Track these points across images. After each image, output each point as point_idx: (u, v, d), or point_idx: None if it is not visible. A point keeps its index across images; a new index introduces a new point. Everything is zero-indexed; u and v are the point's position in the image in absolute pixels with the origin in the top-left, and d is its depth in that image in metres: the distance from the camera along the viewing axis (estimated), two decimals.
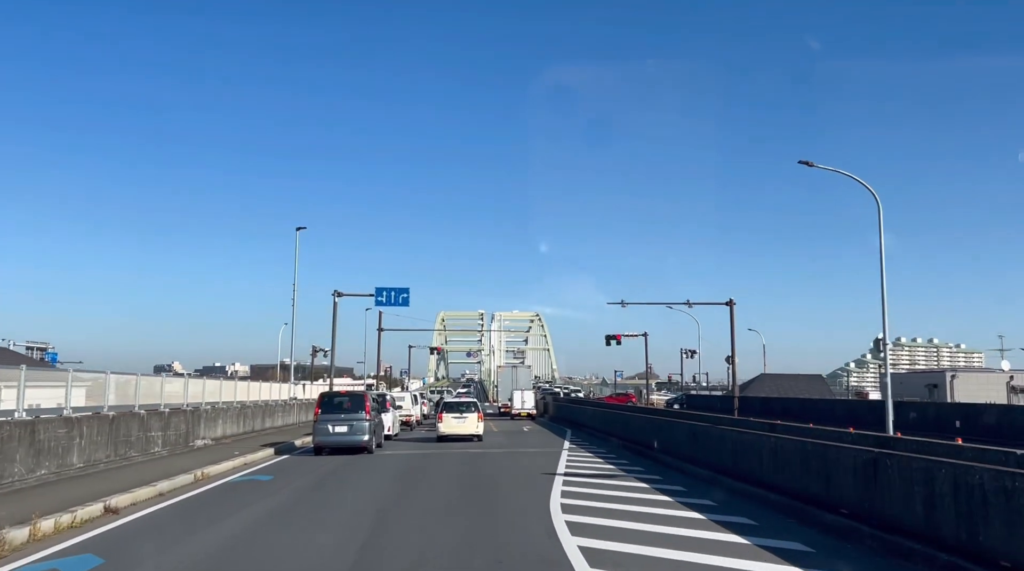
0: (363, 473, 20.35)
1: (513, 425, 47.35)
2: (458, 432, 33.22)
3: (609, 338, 73.49)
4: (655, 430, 24.19)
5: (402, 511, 13.90)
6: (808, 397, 52.28)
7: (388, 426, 32.81)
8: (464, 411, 34.28)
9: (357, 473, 20.32)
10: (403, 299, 41.81)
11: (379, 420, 28.32)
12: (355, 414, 25.83)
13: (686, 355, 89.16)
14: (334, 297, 41.39)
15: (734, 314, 47.35)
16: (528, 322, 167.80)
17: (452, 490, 16.82)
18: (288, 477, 19.32)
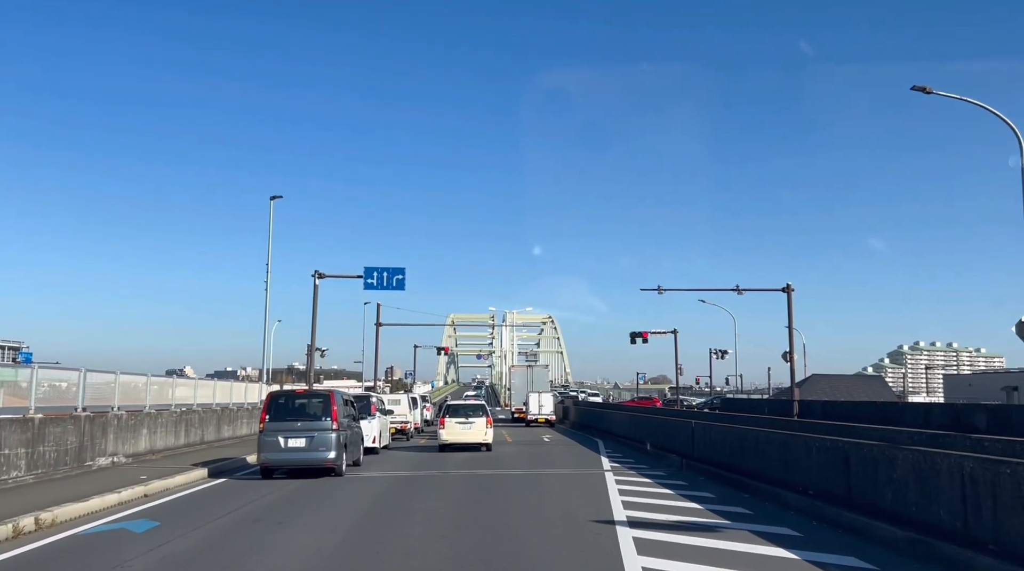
0: (312, 513, 13.15)
1: (530, 433, 40.04)
2: (463, 440, 27.10)
3: (635, 335, 66.13)
4: (735, 444, 16.86)
5: None
6: (872, 400, 44.92)
7: (373, 436, 25.67)
8: (470, 415, 27.46)
9: (303, 513, 13.11)
10: (398, 281, 34.65)
11: (355, 430, 21.11)
12: (317, 422, 18.66)
13: (716, 356, 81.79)
14: (314, 278, 34.30)
15: (791, 302, 39.98)
16: (540, 325, 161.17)
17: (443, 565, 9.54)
18: (186, 522, 12.11)
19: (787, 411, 42.46)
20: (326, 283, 34.43)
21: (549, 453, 27.27)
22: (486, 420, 27.93)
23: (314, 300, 34.24)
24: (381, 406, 27.86)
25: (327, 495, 15.94)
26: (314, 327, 34.07)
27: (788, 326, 39.79)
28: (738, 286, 40.77)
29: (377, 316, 56.41)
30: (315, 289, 34.33)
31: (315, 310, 34.22)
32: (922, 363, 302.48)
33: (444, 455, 26.17)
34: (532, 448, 29.67)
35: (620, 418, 32.85)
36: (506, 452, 27.73)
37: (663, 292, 42.15)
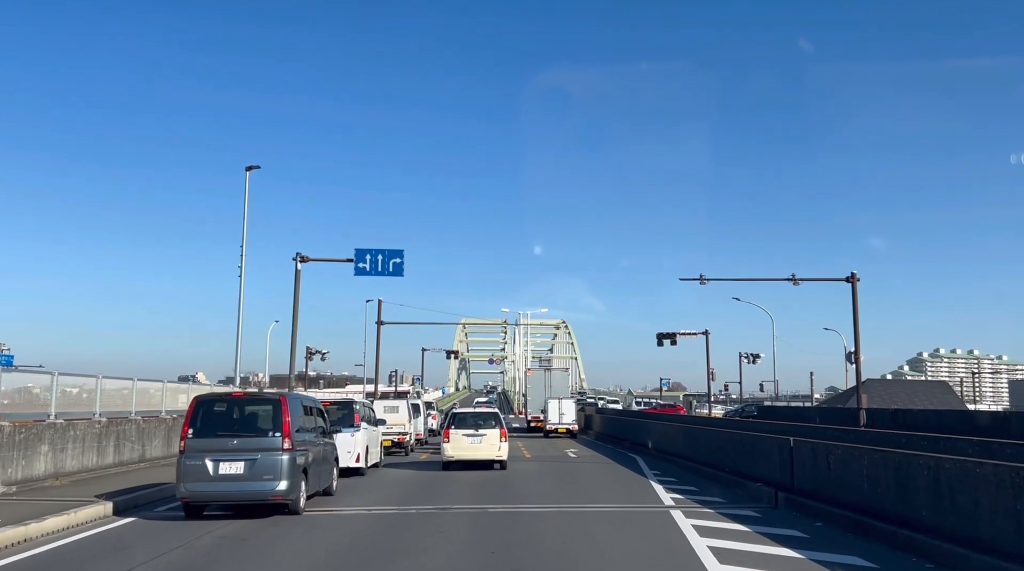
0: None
1: (550, 446, 34.35)
2: (471, 456, 22.17)
3: (663, 337, 60.54)
4: (888, 476, 11.09)
5: None
6: (939, 408, 39.20)
7: (357, 453, 20.16)
8: (481, 425, 22.36)
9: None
10: (395, 266, 29.10)
11: (324, 448, 15.50)
12: (261, 438, 13.12)
13: (746, 360, 75.80)
14: (296, 262, 28.81)
15: (856, 293, 34.20)
16: (554, 329, 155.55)
17: None
18: None
19: (844, 420, 36.66)
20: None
21: (580, 474, 21.59)
22: (500, 432, 22.38)
23: (296, 286, 28.77)
24: (369, 414, 22.26)
25: (267, 549, 10.44)
26: (295, 318, 28.63)
27: (854, 321, 34.04)
28: (794, 275, 35.10)
29: (378, 313, 50.94)
30: (296, 274, 28.86)
31: (297, 298, 28.76)
32: (943, 370, 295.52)
33: (448, 476, 20.59)
34: (557, 467, 24.00)
35: (661, 430, 27.12)
36: (525, 472, 22.07)
37: (705, 282, 36.52)
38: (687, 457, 22.32)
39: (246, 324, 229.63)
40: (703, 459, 20.61)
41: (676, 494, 16.42)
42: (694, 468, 20.80)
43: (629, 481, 19.70)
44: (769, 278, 41.29)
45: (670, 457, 23.97)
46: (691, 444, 21.98)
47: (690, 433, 22.11)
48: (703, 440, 20.73)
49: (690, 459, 21.97)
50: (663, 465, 23.42)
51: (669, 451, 24.69)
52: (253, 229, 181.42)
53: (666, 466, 23.06)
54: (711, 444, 19.79)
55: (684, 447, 22.70)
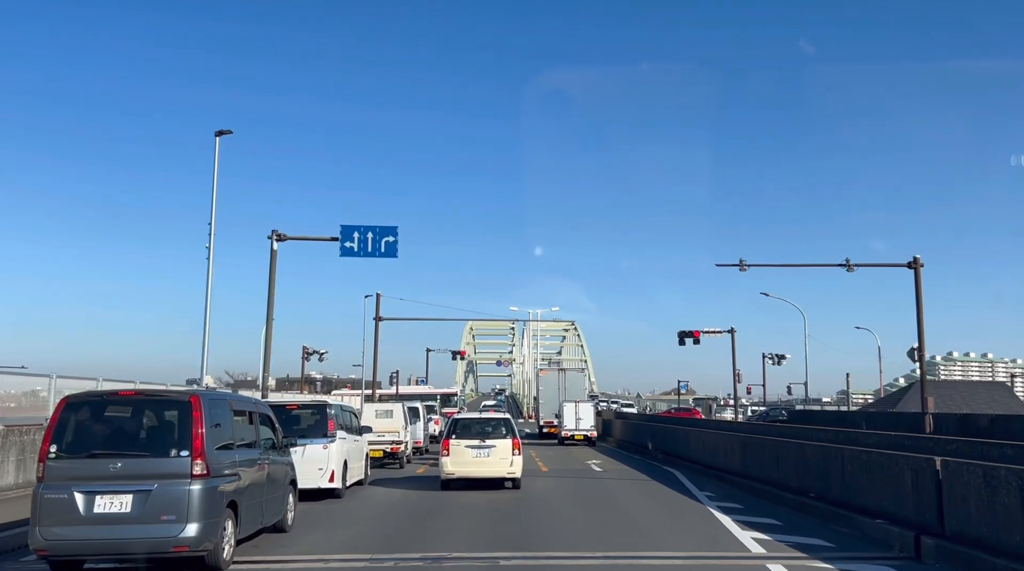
0: None
1: (568, 456, 29.93)
2: (477, 473, 17.92)
3: (684, 335, 56.14)
4: None
5: None
6: (1008, 413, 34.67)
7: (331, 471, 15.83)
8: (489, 434, 18.15)
9: None
10: (387, 245, 24.69)
11: (268, 470, 11.07)
12: (157, 460, 8.79)
13: (771, 361, 71.16)
14: (272, 241, 24.45)
15: (920, 281, 29.71)
16: (562, 332, 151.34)
17: None
18: None
19: (895, 425, 32.16)
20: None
21: (615, 496, 17.15)
22: (511, 442, 18.03)
23: (271, 268, 24.37)
24: (349, 421, 17.86)
25: None
26: (270, 306, 24.21)
27: (917, 312, 29.52)
28: (848, 260, 30.66)
29: (376, 308, 46.56)
30: (272, 255, 24.47)
31: (272, 282, 24.34)
32: (956, 374, 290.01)
33: (447, 500, 16.24)
34: (583, 485, 19.58)
35: (705, 440, 22.64)
36: (544, 493, 17.67)
37: (746, 268, 32.09)
38: (745, 475, 17.86)
39: (239, 322, 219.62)
40: (772, 479, 16.15)
41: (756, 531, 11.97)
42: (759, 490, 16.33)
43: (681, 508, 15.26)
44: (817, 264, 36.53)
45: (720, 474, 19.52)
46: (753, 459, 17.50)
47: (753, 445, 17.61)
48: (773, 454, 16.25)
49: (749, 477, 17.52)
50: (714, 484, 18.97)
51: (717, 466, 20.23)
52: (248, 228, 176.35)
53: (718, 486, 18.60)
54: (788, 460, 15.33)
55: (741, 462, 18.24)
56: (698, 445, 22.75)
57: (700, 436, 22.78)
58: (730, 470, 19.10)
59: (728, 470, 19.27)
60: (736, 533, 11.97)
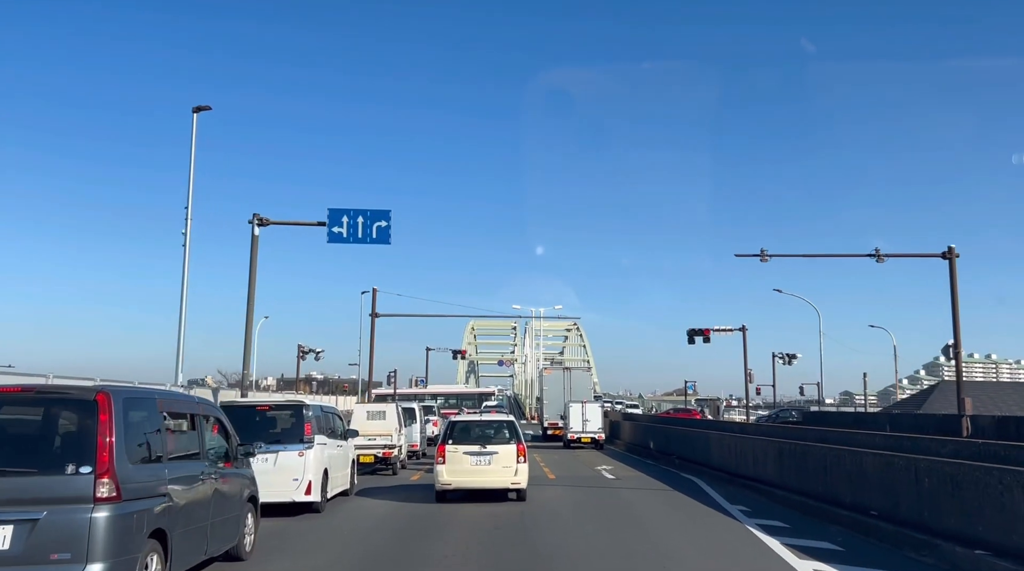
0: None
1: (576, 461, 27.78)
2: (476, 483, 15.83)
3: (694, 333, 54.01)
4: None
5: None
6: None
7: (308, 481, 13.72)
8: (491, 438, 16.10)
9: None
10: (379, 231, 22.52)
11: (215, 487, 8.89)
12: (48, 479, 6.59)
13: (781, 360, 68.93)
14: (252, 225, 22.29)
15: (955, 272, 27.54)
16: (564, 332, 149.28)
17: None
18: None
19: (925, 428, 29.98)
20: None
21: (635, 510, 14.99)
22: (516, 448, 15.88)
23: (252, 255, 22.20)
24: (332, 423, 15.70)
25: None
26: (251, 293, 21.99)
27: (952, 306, 27.36)
28: (878, 250, 28.46)
29: (373, 304, 44.45)
30: (253, 241, 22.31)
31: (253, 271, 22.15)
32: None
33: (441, 515, 14.12)
34: (596, 496, 17.40)
35: (731, 445, 20.45)
36: (554, 506, 15.53)
37: (767, 258, 29.92)
38: (782, 486, 15.69)
39: (232, 320, 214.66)
40: (816, 491, 13.98)
41: (815, 561, 9.81)
42: (802, 504, 14.16)
43: (714, 526, 13.09)
44: (844, 254, 34.28)
45: (750, 483, 17.36)
46: (792, 468, 15.30)
47: (793, 453, 15.35)
48: (819, 463, 14.05)
49: (787, 489, 15.35)
50: (745, 495, 16.79)
51: (745, 474, 18.07)
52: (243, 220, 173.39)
53: (751, 498, 16.43)
54: (839, 470, 13.15)
55: (777, 471, 16.05)
56: (722, 451, 20.58)
57: (724, 441, 20.60)
58: (762, 480, 16.92)
59: (759, 479, 17.10)
60: (792, 561, 9.81)
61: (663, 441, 28.62)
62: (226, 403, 14.12)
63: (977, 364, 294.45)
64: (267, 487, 13.40)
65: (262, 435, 13.91)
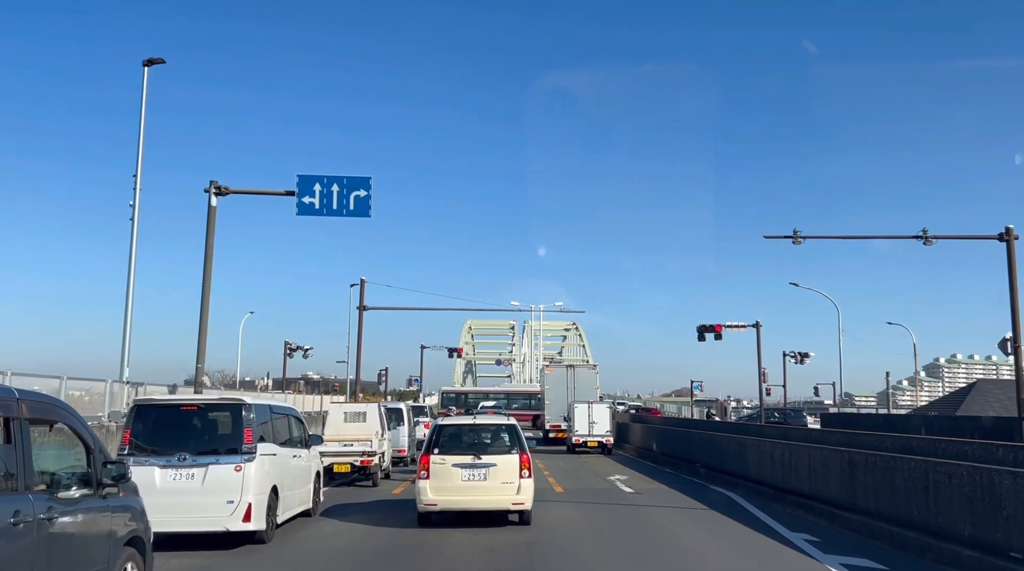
0: None
1: (583, 468, 24.55)
2: (468, 504, 12.68)
3: (704, 330, 50.73)
4: None
5: None
6: None
7: (249, 504, 10.39)
8: (486, 447, 12.90)
9: None
10: (357, 201, 19.23)
11: (46, 530, 5.54)
12: None
13: (792, 359, 65.63)
14: (209, 194, 19.02)
15: (1013, 255, 24.31)
16: (563, 331, 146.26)
17: None
18: None
19: (966, 431, 26.64)
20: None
21: (673, 543, 11.74)
22: (519, 459, 12.62)
23: (209, 228, 18.88)
24: (286, 428, 12.40)
25: None
26: (207, 271, 18.69)
27: (1011, 295, 24.11)
28: (925, 231, 25.24)
29: (361, 296, 41.11)
30: (210, 213, 19.00)
31: (210, 243, 18.84)
32: (960, 376, 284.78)
33: (424, 543, 11.02)
34: (617, 518, 14.11)
35: (772, 453, 17.19)
36: (566, 532, 12.30)
37: (800, 241, 26.70)
38: (852, 508, 12.42)
39: (218, 315, 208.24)
40: (909, 518, 10.71)
41: None
42: (887, 535, 10.90)
43: (784, 567, 9.84)
44: (888, 236, 31.02)
45: (806, 502, 14.09)
46: (871, 486, 11.99)
47: (872, 466, 12.04)
48: (916, 482, 10.72)
49: (862, 512, 12.10)
50: (803, 519, 13.54)
51: (798, 491, 14.79)
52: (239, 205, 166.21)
53: (811, 521, 13.18)
54: (950, 493, 9.88)
55: (846, 488, 12.76)
56: (762, 460, 17.30)
57: (765, 448, 17.31)
58: (821, 498, 13.65)
59: (817, 497, 13.83)
60: None
61: (683, 447, 25.35)
62: (141, 400, 10.86)
63: (978, 365, 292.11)
64: (191, 512, 10.19)
65: (188, 443, 10.72)
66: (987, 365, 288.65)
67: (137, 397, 12.65)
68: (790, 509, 14.51)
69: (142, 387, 20.09)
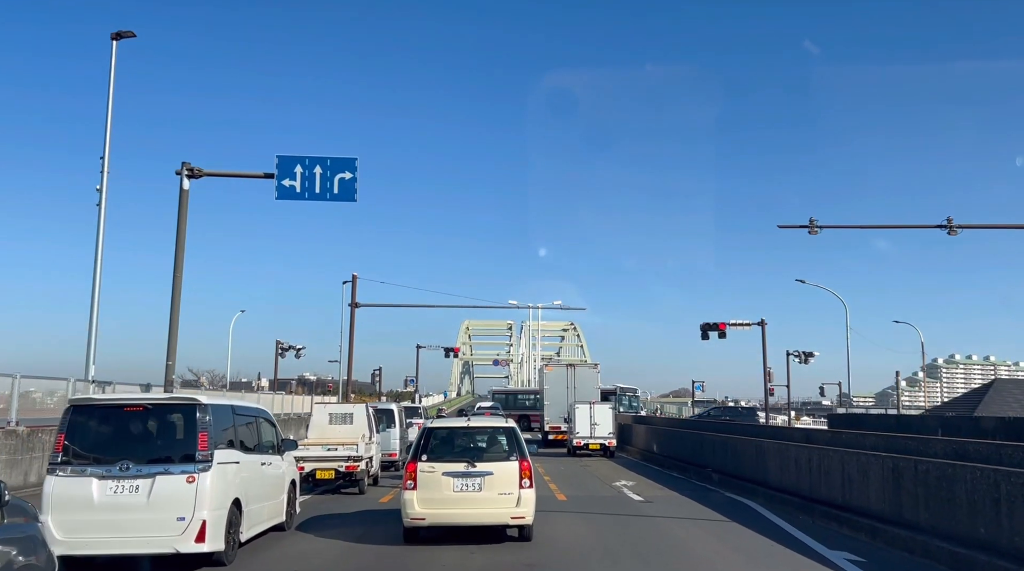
0: None
1: (586, 473, 23.04)
2: (460, 518, 11.12)
3: (708, 328, 49.66)
4: None
5: None
6: None
7: (203, 522, 8.84)
8: (481, 452, 11.26)
9: None
10: (342, 184, 17.73)
11: None
12: None
13: (796, 359, 64.15)
14: (181, 177, 17.48)
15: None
16: (561, 331, 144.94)
17: None
18: None
19: (988, 433, 25.10)
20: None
21: (692, 558, 10.23)
22: (519, 467, 11.08)
23: (180, 213, 17.34)
24: (249, 432, 10.84)
25: None
26: (179, 258, 17.16)
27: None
28: (950, 220, 23.77)
29: (353, 293, 39.63)
30: (182, 196, 17.47)
31: (182, 229, 17.31)
32: (959, 377, 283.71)
33: (410, 562, 9.44)
34: (631, 534, 12.56)
35: (797, 457, 15.69)
36: (572, 548, 10.86)
37: (817, 230, 25.23)
38: (898, 522, 10.92)
39: (209, 313, 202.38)
40: (974, 538, 9.21)
41: None
42: (948, 555, 9.41)
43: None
44: (911, 225, 29.71)
45: (839, 514, 12.58)
46: (922, 498, 10.44)
47: (923, 478, 10.40)
48: (984, 493, 9.20)
49: (910, 527, 10.59)
50: (839, 533, 12.03)
51: (830, 501, 13.28)
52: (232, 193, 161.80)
53: (850, 536, 11.67)
54: None
55: (889, 499, 11.25)
56: (786, 465, 15.79)
57: (790, 453, 15.78)
58: (858, 509, 12.13)
59: (853, 508, 12.31)
60: None
61: (693, 450, 23.83)
62: (78, 400, 9.30)
63: (976, 365, 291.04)
64: (135, 531, 8.70)
65: (133, 450, 9.19)
66: (985, 366, 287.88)
67: (73, 397, 11.09)
68: (821, 521, 13.01)
69: (110, 386, 18.54)
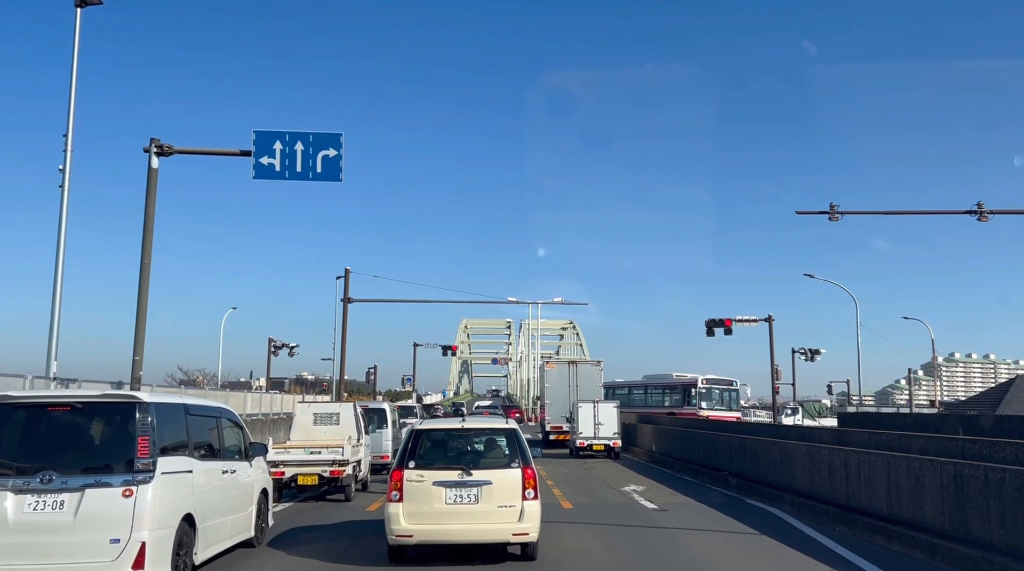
0: None
1: (592, 477, 21.50)
2: (455, 535, 9.47)
3: (713, 324, 47.98)
4: None
5: None
6: None
7: (142, 544, 7.26)
8: (479, 457, 9.51)
9: None
10: (326, 162, 16.17)
11: None
12: None
13: (802, 356, 62.64)
14: (149, 155, 15.93)
15: None
16: (560, 330, 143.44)
17: None
18: None
19: (1012, 432, 23.55)
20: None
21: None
22: (522, 474, 9.52)
23: (149, 193, 15.80)
24: (207, 435, 9.30)
25: None
26: (147, 243, 15.62)
27: None
28: (980, 205, 22.30)
29: (345, 288, 38.00)
30: (150, 175, 15.91)
31: (150, 211, 15.75)
32: (959, 376, 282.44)
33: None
34: (648, 550, 11.03)
35: (830, 461, 14.18)
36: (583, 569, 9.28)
37: (838, 217, 23.74)
38: (965, 538, 9.39)
39: (195, 312, 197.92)
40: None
41: None
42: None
43: None
44: (939, 211, 28.09)
45: (886, 526, 11.07)
46: (996, 513, 8.97)
47: (997, 489, 8.89)
48: None
49: (978, 545, 9.08)
50: (888, 550, 10.51)
51: (873, 511, 11.76)
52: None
53: (900, 553, 10.17)
54: None
55: (949, 511, 9.74)
56: (814, 469, 14.26)
57: (821, 456, 14.24)
58: (909, 522, 10.61)
59: (903, 521, 10.79)
60: None
61: (706, 452, 22.30)
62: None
63: (976, 364, 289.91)
64: (59, 557, 7.16)
65: (58, 457, 7.65)
66: (985, 364, 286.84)
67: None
68: (863, 534, 11.48)
69: (75, 384, 16.95)
